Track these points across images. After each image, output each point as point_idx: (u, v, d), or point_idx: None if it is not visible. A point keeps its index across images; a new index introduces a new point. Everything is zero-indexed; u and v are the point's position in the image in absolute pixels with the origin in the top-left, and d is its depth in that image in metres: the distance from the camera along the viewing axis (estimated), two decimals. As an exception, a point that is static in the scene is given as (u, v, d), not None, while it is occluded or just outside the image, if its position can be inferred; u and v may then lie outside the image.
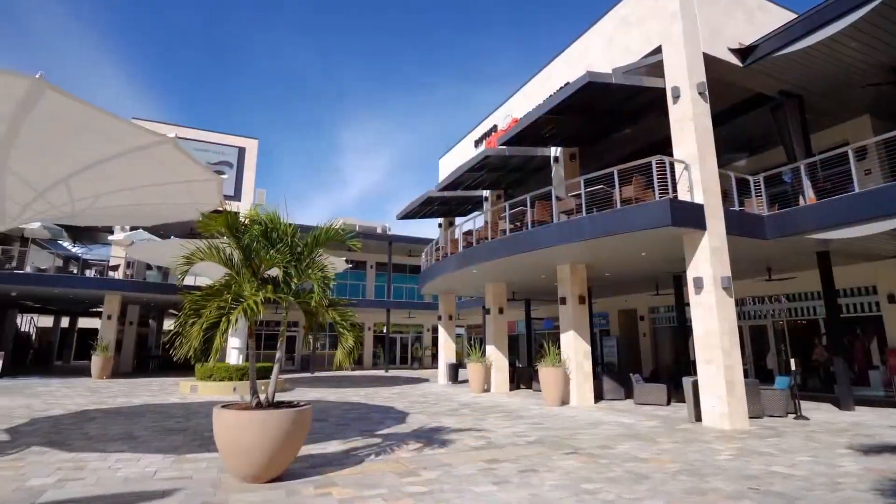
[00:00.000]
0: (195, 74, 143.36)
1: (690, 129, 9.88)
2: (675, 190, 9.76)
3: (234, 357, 17.11)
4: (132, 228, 23.21)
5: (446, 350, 20.24)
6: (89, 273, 24.04)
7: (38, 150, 6.05)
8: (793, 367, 10.25)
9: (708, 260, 9.36)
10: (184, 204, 8.64)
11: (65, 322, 35.91)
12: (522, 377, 17.16)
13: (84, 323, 36.69)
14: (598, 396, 12.81)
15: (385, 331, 29.42)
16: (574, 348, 12.27)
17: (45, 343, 35.56)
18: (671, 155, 10.15)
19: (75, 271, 23.91)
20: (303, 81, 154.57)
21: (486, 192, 18.99)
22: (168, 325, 34.70)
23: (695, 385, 9.44)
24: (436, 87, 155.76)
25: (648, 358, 20.10)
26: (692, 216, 9.38)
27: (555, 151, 14.79)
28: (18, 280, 19.87)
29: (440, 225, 22.43)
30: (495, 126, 17.98)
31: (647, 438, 7.82)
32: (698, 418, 9.31)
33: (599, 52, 12.84)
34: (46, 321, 36.23)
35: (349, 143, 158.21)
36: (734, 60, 10.84)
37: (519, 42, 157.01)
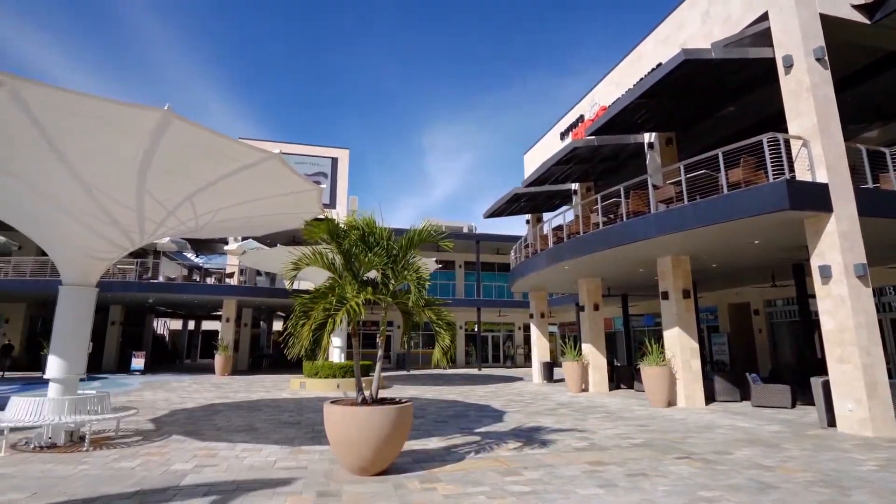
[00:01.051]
0: (290, 90, 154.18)
1: (808, 100, 8.85)
2: (791, 170, 8.79)
3: (335, 355, 18.19)
4: (243, 238, 25.52)
5: (539, 348, 19.92)
6: (210, 280, 26.89)
7: (168, 173, 6.82)
8: (952, 366, 8.81)
9: (836, 246, 8.33)
10: (288, 214, 9.31)
11: (191, 325, 40.34)
12: (622, 376, 16.40)
13: (207, 325, 40.92)
14: (709, 398, 11.89)
15: (476, 329, 29.59)
16: (679, 346, 11.50)
17: (175, 344, 40.21)
18: (785, 131, 9.16)
19: (198, 279, 26.79)
20: (389, 90, 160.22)
21: (574, 186, 18.42)
22: (276, 326, 37.69)
23: (825, 386, 8.44)
24: (517, 82, 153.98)
25: (765, 356, 18.29)
26: (814, 197, 8.40)
27: (649, 137, 13.99)
28: (155, 288, 22.86)
29: (528, 222, 22.12)
30: (581, 117, 17.39)
31: (770, 444, 7.12)
32: (831, 423, 8.31)
33: (694, 27, 11.95)
34: (176, 324, 40.94)
35: (434, 144, 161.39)
36: (860, 18, 9.55)
37: (602, 28, 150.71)
